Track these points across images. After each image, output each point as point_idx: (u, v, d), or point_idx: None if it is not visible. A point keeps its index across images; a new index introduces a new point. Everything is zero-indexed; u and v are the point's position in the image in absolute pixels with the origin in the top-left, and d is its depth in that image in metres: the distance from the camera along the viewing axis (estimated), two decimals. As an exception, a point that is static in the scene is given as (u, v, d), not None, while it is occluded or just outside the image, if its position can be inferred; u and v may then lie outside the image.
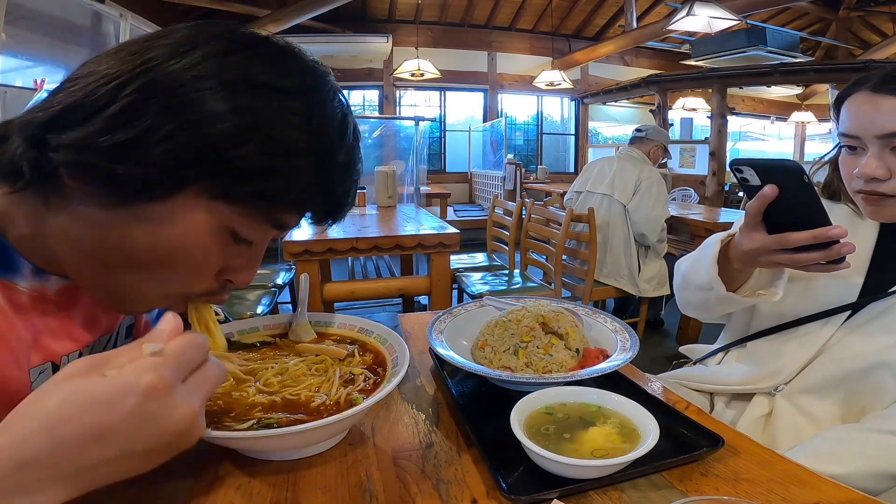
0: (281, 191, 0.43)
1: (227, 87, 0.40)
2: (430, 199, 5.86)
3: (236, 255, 0.48)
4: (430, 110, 7.94)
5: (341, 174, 0.47)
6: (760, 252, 0.69)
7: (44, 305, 0.50)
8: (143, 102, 0.38)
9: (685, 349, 1.08)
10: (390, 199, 3.20)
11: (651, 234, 2.59)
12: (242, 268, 0.49)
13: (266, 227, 0.46)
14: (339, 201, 0.48)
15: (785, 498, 0.47)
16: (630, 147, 2.84)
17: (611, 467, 0.47)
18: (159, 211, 0.42)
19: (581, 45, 7.62)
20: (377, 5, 7.04)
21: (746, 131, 10.18)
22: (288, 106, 0.42)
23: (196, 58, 0.40)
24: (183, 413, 0.34)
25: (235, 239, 0.46)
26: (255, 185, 0.42)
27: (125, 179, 0.39)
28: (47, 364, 0.49)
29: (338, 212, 0.50)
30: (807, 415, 0.76)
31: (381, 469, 0.51)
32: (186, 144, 0.39)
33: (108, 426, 0.31)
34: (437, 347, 0.68)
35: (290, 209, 0.46)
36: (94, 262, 0.45)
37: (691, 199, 5.88)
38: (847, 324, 0.77)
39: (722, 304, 0.81)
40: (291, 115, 0.42)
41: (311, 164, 0.43)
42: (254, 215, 0.44)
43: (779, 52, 5.76)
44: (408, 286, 2.46)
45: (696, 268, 0.83)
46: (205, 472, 0.50)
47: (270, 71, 0.42)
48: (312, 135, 0.43)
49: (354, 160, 0.48)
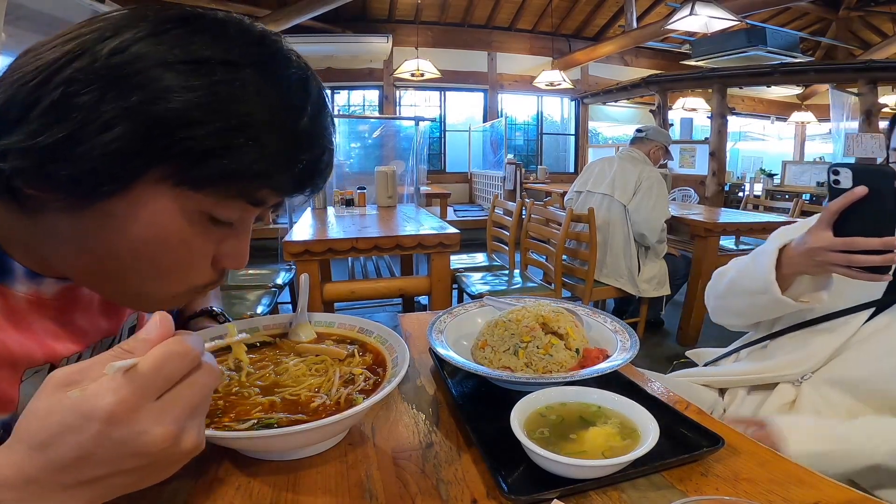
0: (244, 166, 0.40)
1: (165, 67, 0.37)
2: (430, 199, 5.86)
3: (222, 239, 0.46)
4: (430, 110, 7.94)
5: (308, 141, 0.43)
6: (822, 251, 0.72)
7: (42, 309, 0.49)
8: (73, 95, 0.35)
9: (692, 353, 1.09)
10: (390, 199, 3.20)
11: (651, 234, 2.59)
12: (233, 251, 0.47)
13: (242, 205, 0.44)
14: (311, 169, 0.45)
15: (785, 498, 0.47)
16: (631, 147, 2.83)
17: (611, 467, 0.47)
18: (122, 206, 0.40)
19: (581, 45, 7.62)
20: (377, 5, 7.04)
21: (746, 131, 10.18)
22: (237, 78, 0.39)
23: (128, 40, 0.37)
24: (155, 435, 0.32)
25: (215, 222, 0.44)
26: (215, 164, 0.39)
27: (74, 180, 0.37)
28: (45, 365, 0.48)
29: (312, 180, 0.46)
30: (831, 405, 0.78)
31: (381, 469, 0.51)
32: (129, 132, 0.36)
33: (86, 449, 0.30)
34: (437, 347, 0.68)
35: (260, 183, 0.43)
36: (86, 268, 0.44)
37: (691, 199, 5.88)
38: (874, 320, 0.79)
39: (770, 308, 0.84)
40: (242, 88, 0.39)
41: (272, 134, 0.40)
42: (225, 195, 0.42)
43: (779, 52, 5.76)
44: (408, 286, 2.46)
45: (748, 273, 0.87)
46: (205, 472, 0.50)
47: (213, 46, 0.39)
48: (267, 105, 0.40)
49: (322, 125, 0.45)
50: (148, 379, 0.32)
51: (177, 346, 0.34)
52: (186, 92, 0.37)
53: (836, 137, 6.17)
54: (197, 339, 0.35)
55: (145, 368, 0.32)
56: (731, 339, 1.04)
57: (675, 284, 2.87)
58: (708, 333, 2.89)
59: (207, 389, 0.35)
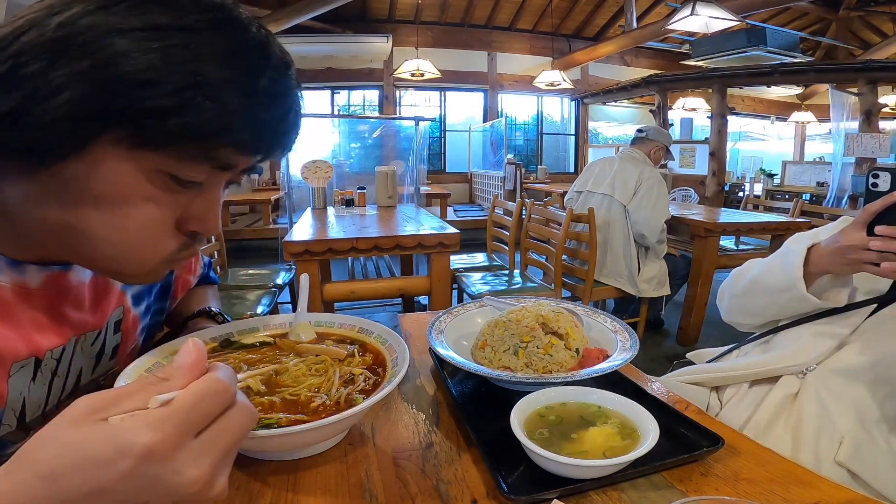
0: (201, 125, 0.40)
1: (118, 34, 0.37)
2: (430, 199, 5.86)
3: (191, 202, 0.46)
4: (430, 110, 7.95)
5: (268, 99, 0.44)
6: (854, 249, 0.74)
7: (28, 299, 0.49)
8: (21, 66, 0.36)
9: (692, 355, 1.09)
10: (390, 199, 3.21)
11: (650, 234, 2.59)
12: (202, 214, 0.47)
13: (207, 167, 0.44)
14: (273, 128, 0.45)
15: (785, 498, 0.47)
16: (631, 147, 2.83)
17: (611, 467, 0.47)
18: (82, 168, 0.40)
19: (581, 45, 7.63)
20: (377, 5, 7.04)
21: (746, 131, 10.18)
22: (192, 41, 0.39)
23: (77, 13, 0.38)
24: (189, 477, 0.29)
25: (179, 182, 0.44)
26: (171, 123, 0.39)
27: (30, 145, 0.38)
28: (30, 359, 0.48)
29: (275, 140, 0.46)
30: (835, 396, 0.78)
31: (381, 469, 0.51)
32: (80, 95, 0.37)
33: (105, 486, 0.28)
34: (437, 347, 0.68)
35: (220, 141, 0.42)
36: (55, 235, 0.45)
37: (691, 199, 5.88)
38: (878, 314, 0.80)
39: (790, 306, 0.87)
40: (197, 49, 0.39)
41: (229, 92, 0.41)
42: (186, 155, 0.42)
43: (779, 52, 5.76)
44: (408, 286, 2.46)
45: (773, 271, 0.89)
46: (205, 472, 0.50)
47: (167, 13, 0.39)
48: (224, 64, 0.40)
49: (284, 87, 0.45)
50: (189, 416, 0.30)
51: (214, 381, 0.32)
52: (140, 55, 0.37)
53: (836, 137, 6.17)
54: (229, 373, 0.34)
55: (186, 404, 0.30)
56: (731, 339, 1.04)
57: (675, 284, 2.88)
58: (708, 333, 2.89)
59: (244, 432, 0.33)
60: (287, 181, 3.61)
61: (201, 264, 0.89)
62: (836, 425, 0.75)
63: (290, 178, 3.58)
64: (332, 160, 3.87)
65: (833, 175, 6.02)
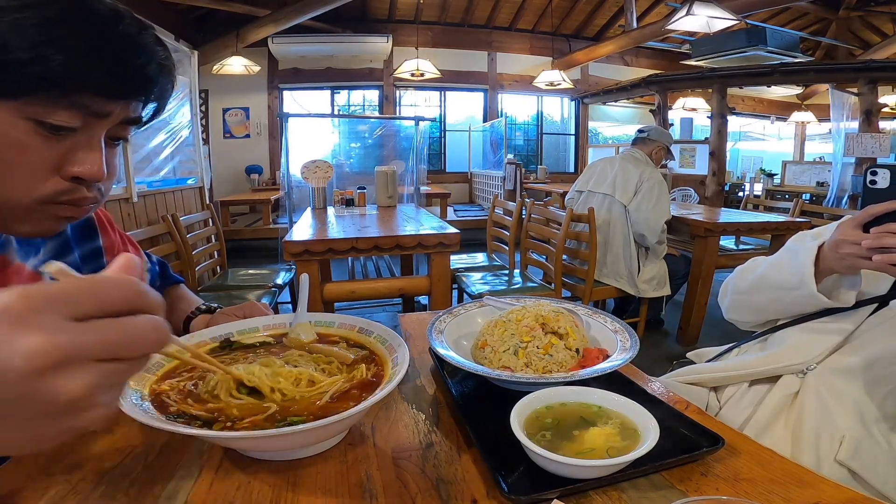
0: (56, 71, 0.44)
1: None
2: (430, 199, 5.86)
3: (70, 148, 0.49)
4: (430, 110, 7.94)
5: (123, 45, 0.48)
6: (847, 244, 0.73)
7: None
8: None
9: (693, 355, 1.09)
10: (390, 199, 3.21)
11: (650, 235, 2.59)
12: (81, 158, 0.49)
13: (75, 113, 0.47)
14: (134, 73, 0.49)
15: (785, 498, 0.47)
16: (632, 148, 2.84)
17: (611, 467, 0.47)
18: None
19: (581, 45, 7.62)
20: (377, 5, 7.04)
21: (746, 131, 10.18)
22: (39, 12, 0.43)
23: None
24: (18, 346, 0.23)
25: (52, 129, 0.47)
26: (25, 71, 0.43)
27: None
28: None
29: (134, 85, 0.50)
30: (835, 394, 0.78)
31: (381, 469, 0.51)
32: None
33: None
34: (437, 347, 0.67)
35: (78, 84, 0.46)
36: None
37: (691, 199, 5.88)
38: (878, 313, 0.80)
39: (797, 304, 0.86)
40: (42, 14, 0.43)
41: (80, 40, 0.45)
42: (47, 102, 0.45)
43: (779, 52, 5.76)
44: (408, 286, 2.46)
45: (780, 268, 0.88)
46: (205, 472, 0.50)
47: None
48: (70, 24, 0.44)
49: (144, 39, 0.49)
50: (70, 294, 0.25)
51: (118, 276, 0.28)
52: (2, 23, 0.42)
53: (836, 137, 6.17)
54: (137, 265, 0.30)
55: (74, 282, 0.26)
56: (732, 338, 1.04)
57: (675, 284, 2.87)
58: (708, 333, 2.89)
59: (144, 345, 0.28)
60: (287, 181, 3.61)
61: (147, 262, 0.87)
62: (836, 424, 0.75)
63: (290, 178, 3.58)
64: (332, 160, 3.86)
65: (833, 175, 6.03)
